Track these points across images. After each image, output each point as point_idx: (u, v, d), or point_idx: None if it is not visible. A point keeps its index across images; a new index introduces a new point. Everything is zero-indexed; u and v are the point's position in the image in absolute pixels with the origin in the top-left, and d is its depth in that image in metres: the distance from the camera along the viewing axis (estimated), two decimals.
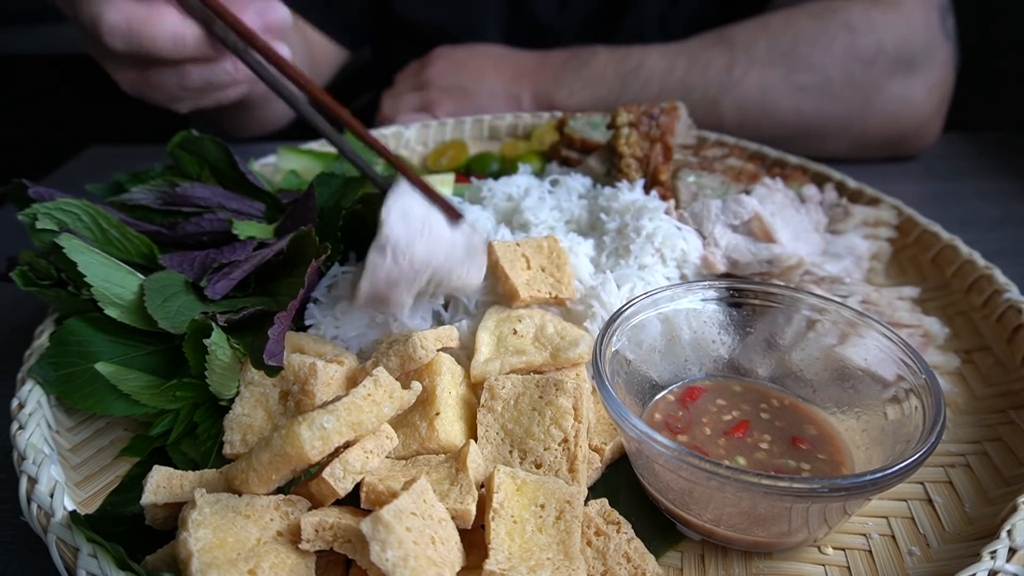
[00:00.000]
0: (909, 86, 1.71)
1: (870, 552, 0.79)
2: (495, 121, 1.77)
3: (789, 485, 0.67)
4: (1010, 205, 1.63)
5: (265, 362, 0.82)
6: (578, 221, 1.19)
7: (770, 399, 0.91)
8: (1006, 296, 1.08)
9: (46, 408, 0.89)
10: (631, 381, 0.89)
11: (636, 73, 1.75)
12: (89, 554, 0.68)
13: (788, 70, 1.68)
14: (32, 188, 1.01)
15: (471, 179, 1.46)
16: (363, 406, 0.71)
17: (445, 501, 0.70)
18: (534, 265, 1.02)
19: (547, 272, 1.01)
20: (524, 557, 0.67)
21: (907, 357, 0.83)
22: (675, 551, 0.79)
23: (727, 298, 0.96)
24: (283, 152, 1.50)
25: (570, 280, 1.01)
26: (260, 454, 0.68)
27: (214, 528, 0.65)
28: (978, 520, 0.81)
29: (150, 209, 1.08)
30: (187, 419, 0.88)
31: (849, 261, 1.18)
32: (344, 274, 1.04)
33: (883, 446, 0.80)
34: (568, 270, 1.02)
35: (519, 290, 0.97)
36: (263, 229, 1.07)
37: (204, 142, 1.16)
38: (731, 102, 1.71)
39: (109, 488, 0.85)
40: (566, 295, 1.00)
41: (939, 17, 1.72)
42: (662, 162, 1.27)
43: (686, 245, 1.08)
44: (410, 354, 0.86)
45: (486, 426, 0.83)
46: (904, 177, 1.76)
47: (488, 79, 1.89)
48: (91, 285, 0.88)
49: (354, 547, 0.65)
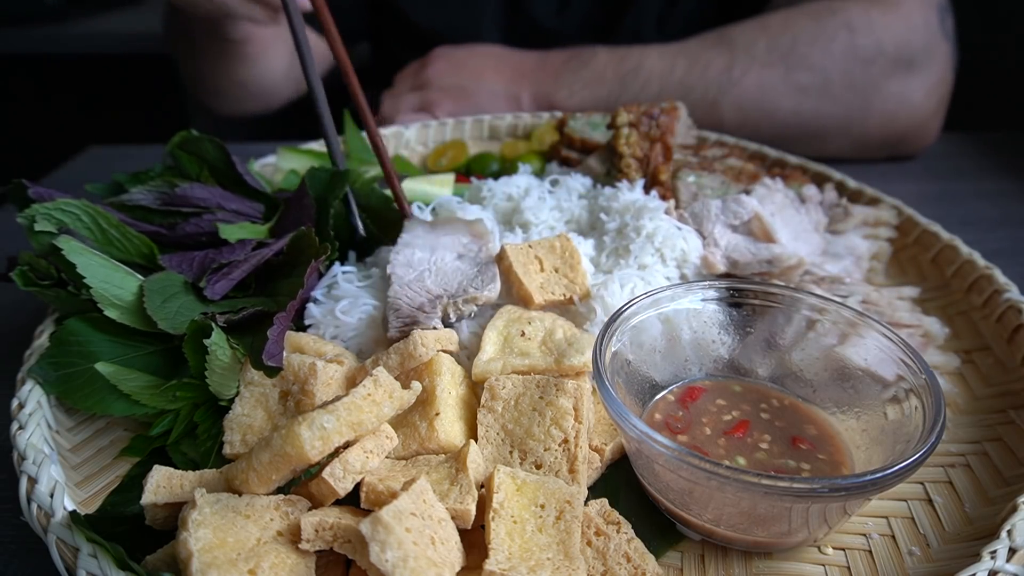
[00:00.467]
0: (908, 86, 1.71)
1: (870, 552, 0.79)
2: (495, 121, 1.77)
3: (789, 485, 0.67)
4: (1010, 205, 1.63)
5: (265, 362, 0.82)
6: (578, 221, 1.19)
7: (770, 399, 0.91)
8: (1006, 296, 1.08)
9: (46, 408, 0.89)
10: (631, 381, 0.89)
11: (636, 73, 1.75)
12: (89, 554, 0.68)
13: (788, 70, 1.69)
14: (32, 188, 1.01)
15: (471, 179, 1.46)
16: (363, 406, 0.71)
17: (445, 501, 0.70)
18: (547, 267, 1.02)
19: (560, 273, 1.02)
20: (524, 557, 0.67)
21: (907, 357, 0.83)
22: (675, 551, 0.79)
23: (727, 298, 0.96)
24: (283, 152, 1.50)
25: (584, 279, 1.02)
26: (260, 454, 0.68)
27: (214, 528, 0.65)
28: (978, 520, 0.81)
29: (150, 209, 1.08)
30: (187, 419, 0.88)
31: (849, 261, 1.18)
32: (364, 306, 1.03)
33: (883, 446, 0.80)
34: (581, 268, 1.02)
35: (533, 295, 0.97)
36: (254, 230, 1.06)
37: (203, 142, 1.17)
38: (731, 102, 1.71)
39: (109, 488, 0.85)
40: (581, 294, 1.00)
41: (938, 17, 1.72)
42: (662, 162, 1.27)
43: (686, 245, 1.08)
44: (410, 352, 0.86)
45: (486, 426, 0.83)
46: (904, 177, 1.76)
47: (488, 79, 1.89)
48: (91, 286, 0.88)
49: (354, 547, 0.65)
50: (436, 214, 1.22)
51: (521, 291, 0.99)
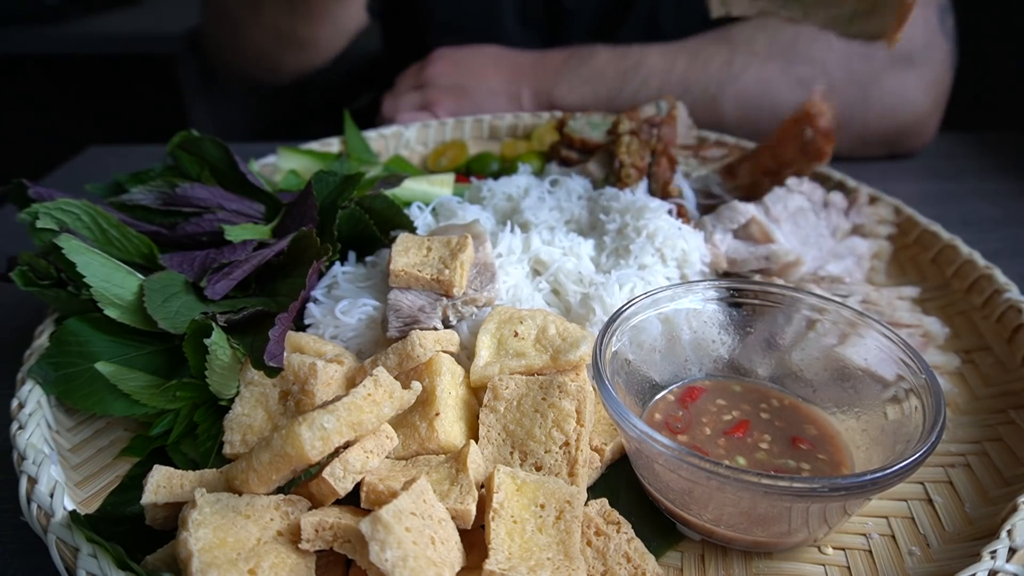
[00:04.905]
0: (906, 82, 1.72)
1: (870, 552, 0.79)
2: (495, 121, 1.77)
3: (789, 485, 0.67)
4: (1010, 205, 1.63)
5: (265, 363, 0.82)
6: (578, 221, 1.19)
7: (770, 399, 0.91)
8: (1006, 296, 1.08)
9: (46, 408, 0.89)
10: (631, 381, 0.89)
11: (636, 70, 1.76)
12: (89, 554, 0.68)
13: (787, 64, 1.69)
14: (32, 188, 1.01)
15: (471, 179, 1.46)
16: (363, 406, 0.71)
17: (445, 501, 0.70)
18: (433, 255, 1.00)
19: (442, 261, 0.99)
20: (524, 557, 0.67)
21: (907, 357, 0.83)
22: (675, 551, 0.79)
23: (727, 298, 0.96)
24: (283, 152, 1.50)
25: (461, 278, 0.97)
26: (260, 454, 0.68)
27: (214, 528, 0.65)
28: (978, 520, 0.81)
29: (150, 209, 1.08)
30: (187, 419, 0.88)
31: (850, 261, 1.18)
32: (364, 306, 1.02)
33: (883, 446, 0.80)
34: (462, 266, 0.97)
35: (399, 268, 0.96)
36: (258, 231, 1.06)
37: (204, 142, 1.17)
38: (731, 97, 1.72)
39: (109, 488, 0.85)
40: (447, 283, 0.96)
41: (938, 16, 1.73)
42: (670, 177, 1.27)
43: (686, 245, 1.08)
44: (408, 352, 0.86)
45: (488, 426, 0.83)
46: (904, 177, 1.76)
47: (488, 78, 1.89)
48: (91, 285, 0.88)
49: (354, 547, 0.65)
50: (436, 214, 1.22)
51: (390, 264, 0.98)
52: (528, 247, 1.09)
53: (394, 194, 1.18)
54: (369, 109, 2.01)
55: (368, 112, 1.98)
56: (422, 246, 1.01)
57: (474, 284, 0.99)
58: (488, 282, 0.99)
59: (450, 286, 0.95)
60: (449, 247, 1.01)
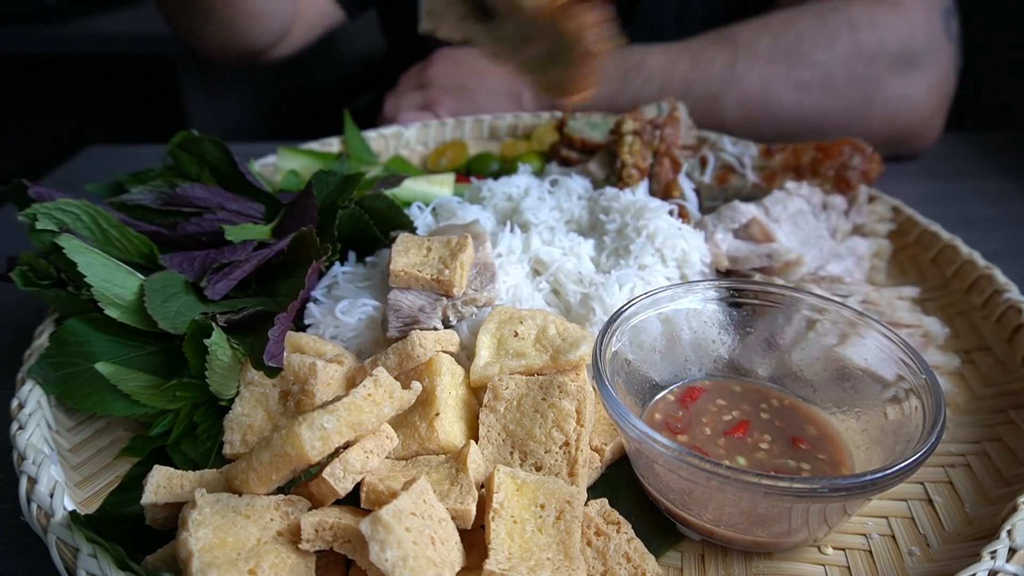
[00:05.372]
0: (910, 85, 1.71)
1: (870, 552, 0.79)
2: (495, 121, 1.77)
3: (789, 485, 0.67)
4: (1010, 205, 1.63)
5: (265, 363, 0.82)
6: (578, 221, 1.19)
7: (770, 399, 0.91)
8: (1006, 296, 1.08)
9: (46, 408, 0.89)
10: (631, 381, 0.89)
11: (638, 70, 1.75)
12: (89, 554, 0.68)
13: (790, 66, 1.69)
14: (32, 188, 1.01)
15: (471, 179, 1.46)
16: (363, 406, 0.71)
17: (445, 501, 0.70)
18: (433, 255, 1.00)
19: (442, 261, 0.98)
20: (524, 557, 0.67)
21: (907, 357, 0.83)
22: (675, 551, 0.79)
23: (727, 298, 0.96)
24: (283, 152, 1.50)
25: (461, 278, 0.97)
26: (260, 454, 0.68)
27: (214, 528, 0.65)
28: (978, 520, 0.81)
29: (150, 209, 1.08)
30: (187, 419, 0.88)
31: (850, 261, 1.18)
32: (364, 306, 1.02)
33: (883, 446, 0.80)
34: (462, 266, 0.97)
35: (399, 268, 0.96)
36: (258, 231, 1.06)
37: (204, 142, 1.17)
38: (733, 99, 1.71)
39: (109, 488, 0.85)
40: (447, 283, 0.96)
41: (942, 18, 1.72)
42: (672, 178, 1.26)
43: (686, 245, 1.08)
44: (408, 352, 0.86)
45: (488, 426, 0.83)
46: (904, 177, 1.76)
47: (489, 77, 1.89)
48: (91, 285, 0.88)
49: (354, 547, 0.65)
50: (436, 214, 1.22)
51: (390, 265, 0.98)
52: (528, 247, 1.09)
53: (394, 194, 1.18)
54: (370, 109, 2.01)
55: (369, 112, 1.98)
56: (422, 246, 1.01)
57: (474, 284, 0.99)
58: (488, 282, 0.99)
59: (450, 286, 0.95)
60: (449, 247, 1.01)
